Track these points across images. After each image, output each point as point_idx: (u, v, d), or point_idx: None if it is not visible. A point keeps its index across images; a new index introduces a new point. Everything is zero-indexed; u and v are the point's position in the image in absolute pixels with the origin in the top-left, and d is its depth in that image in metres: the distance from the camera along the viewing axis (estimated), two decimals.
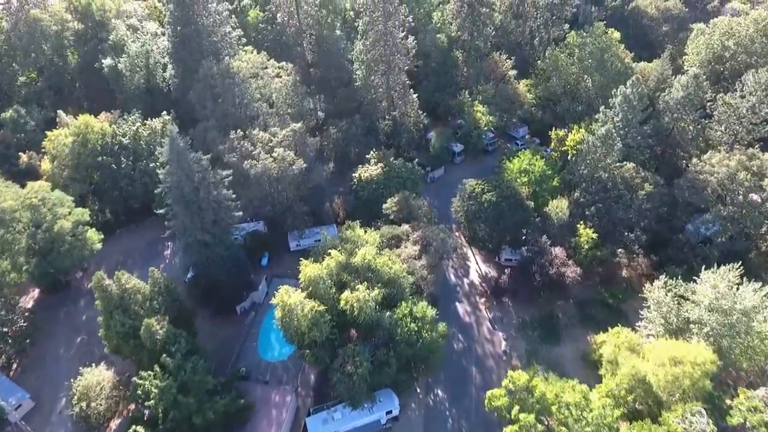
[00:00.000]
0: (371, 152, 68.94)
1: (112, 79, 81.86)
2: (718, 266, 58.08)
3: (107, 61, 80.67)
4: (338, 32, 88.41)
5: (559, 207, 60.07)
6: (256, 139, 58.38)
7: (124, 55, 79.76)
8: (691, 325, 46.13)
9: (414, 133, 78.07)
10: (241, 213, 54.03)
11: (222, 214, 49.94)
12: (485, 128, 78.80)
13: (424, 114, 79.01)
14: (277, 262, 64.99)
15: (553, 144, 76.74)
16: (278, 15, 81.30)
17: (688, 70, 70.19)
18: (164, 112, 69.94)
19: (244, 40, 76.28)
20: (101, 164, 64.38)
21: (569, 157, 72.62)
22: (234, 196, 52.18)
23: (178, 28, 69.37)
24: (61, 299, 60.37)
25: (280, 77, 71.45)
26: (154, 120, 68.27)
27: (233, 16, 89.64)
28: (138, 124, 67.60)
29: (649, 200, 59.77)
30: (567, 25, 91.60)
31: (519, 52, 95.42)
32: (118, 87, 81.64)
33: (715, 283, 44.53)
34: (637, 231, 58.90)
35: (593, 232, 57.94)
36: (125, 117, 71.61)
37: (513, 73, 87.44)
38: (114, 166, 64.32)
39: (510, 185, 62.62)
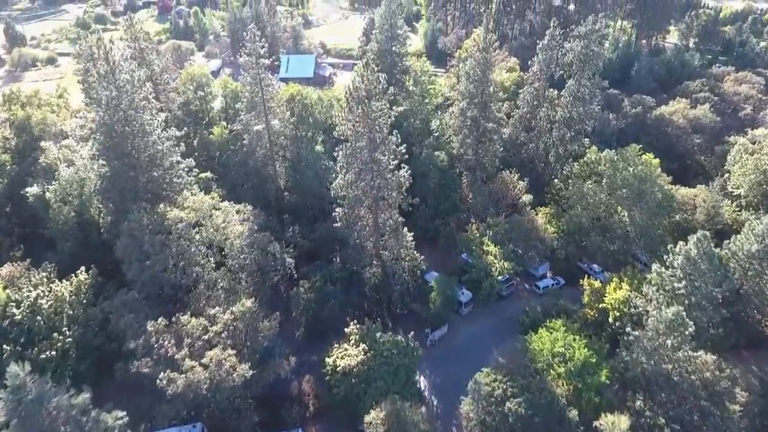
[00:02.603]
0: (351, 325, 51.71)
1: (41, 209, 66.88)
2: None
3: (32, 189, 65.84)
4: (319, 148, 74.90)
5: (616, 425, 42.01)
6: (184, 332, 41.36)
7: (54, 182, 65.22)
8: None
9: (409, 282, 61.50)
10: None
11: None
12: (499, 275, 62.46)
13: (422, 257, 62.88)
14: None
15: (587, 297, 60.07)
16: (245, 135, 67.65)
17: (759, 217, 55.33)
18: (82, 268, 53.65)
19: (196, 170, 61.71)
20: None
21: (611, 320, 55.93)
22: None
23: (110, 160, 54.90)
24: None
25: (237, 217, 56.13)
26: (63, 283, 51.70)
27: (196, 133, 77.01)
28: (41, 288, 50.79)
29: (746, 415, 42.03)
30: (587, 140, 78.45)
31: (531, 168, 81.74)
32: (46, 219, 66.58)
33: None
34: None
35: None
36: (34, 271, 55.30)
37: (528, 198, 72.76)
38: None
39: (543, 385, 44.92)
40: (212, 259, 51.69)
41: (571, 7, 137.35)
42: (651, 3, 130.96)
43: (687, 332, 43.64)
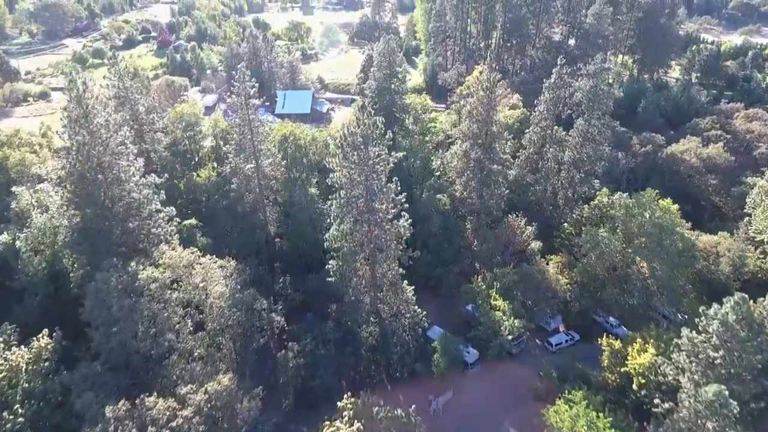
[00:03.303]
0: (345, 398, 45.79)
1: (10, 259, 61.79)
2: None
3: (1, 237, 61.03)
4: (313, 190, 70.52)
5: None
6: (148, 417, 35.55)
7: (26, 229, 60.42)
8: None
9: (410, 342, 55.82)
10: None
11: None
12: (508, 335, 56.81)
13: (424, 313, 57.39)
14: None
15: (606, 359, 54.34)
16: (234, 179, 63.22)
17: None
18: (45, 331, 48.04)
19: (178, 219, 56.89)
20: None
21: (635, 387, 50.06)
22: None
23: (82, 210, 50.17)
24: None
25: (220, 272, 50.90)
26: (21, 349, 45.98)
27: (184, 175, 72.64)
28: None
29: None
30: (597, 181, 74.07)
31: (538, 211, 76.96)
32: (16, 269, 61.41)
33: None
34: None
35: None
36: None
37: (537, 245, 67.72)
38: None
39: None
40: (189, 321, 46.23)
41: (572, 42, 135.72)
42: (652, 38, 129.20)
43: (731, 414, 37.95)
